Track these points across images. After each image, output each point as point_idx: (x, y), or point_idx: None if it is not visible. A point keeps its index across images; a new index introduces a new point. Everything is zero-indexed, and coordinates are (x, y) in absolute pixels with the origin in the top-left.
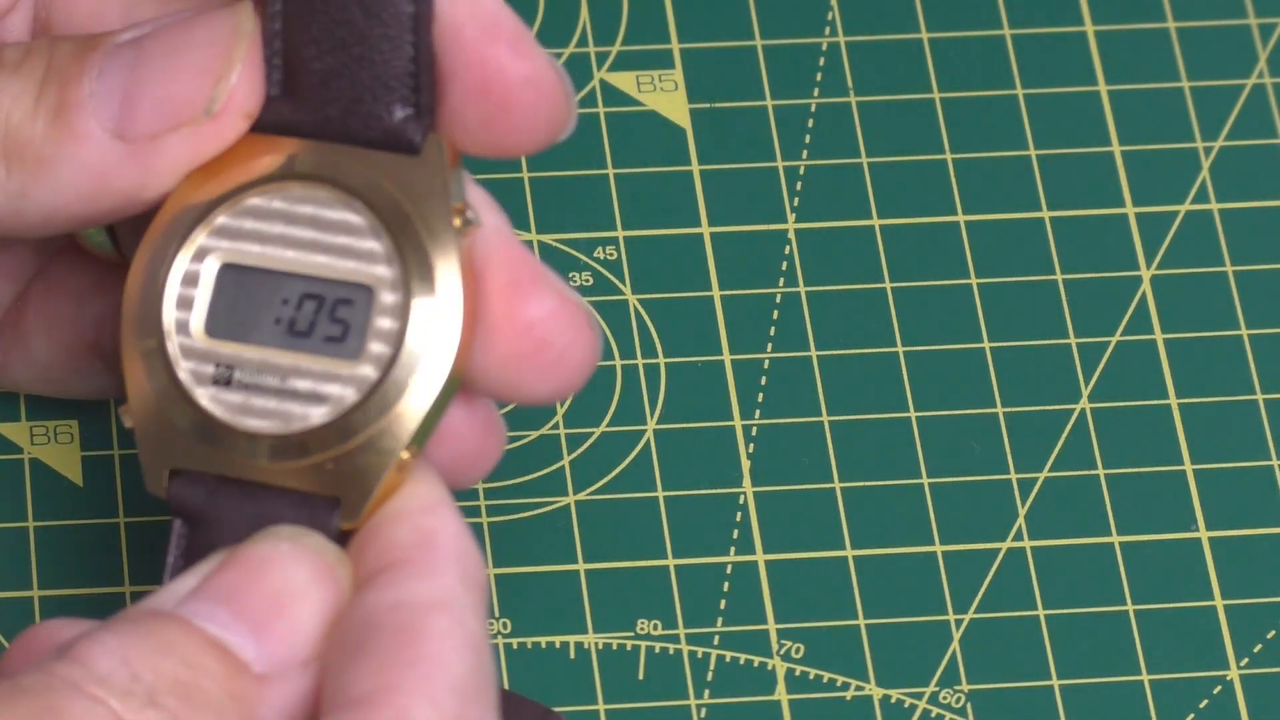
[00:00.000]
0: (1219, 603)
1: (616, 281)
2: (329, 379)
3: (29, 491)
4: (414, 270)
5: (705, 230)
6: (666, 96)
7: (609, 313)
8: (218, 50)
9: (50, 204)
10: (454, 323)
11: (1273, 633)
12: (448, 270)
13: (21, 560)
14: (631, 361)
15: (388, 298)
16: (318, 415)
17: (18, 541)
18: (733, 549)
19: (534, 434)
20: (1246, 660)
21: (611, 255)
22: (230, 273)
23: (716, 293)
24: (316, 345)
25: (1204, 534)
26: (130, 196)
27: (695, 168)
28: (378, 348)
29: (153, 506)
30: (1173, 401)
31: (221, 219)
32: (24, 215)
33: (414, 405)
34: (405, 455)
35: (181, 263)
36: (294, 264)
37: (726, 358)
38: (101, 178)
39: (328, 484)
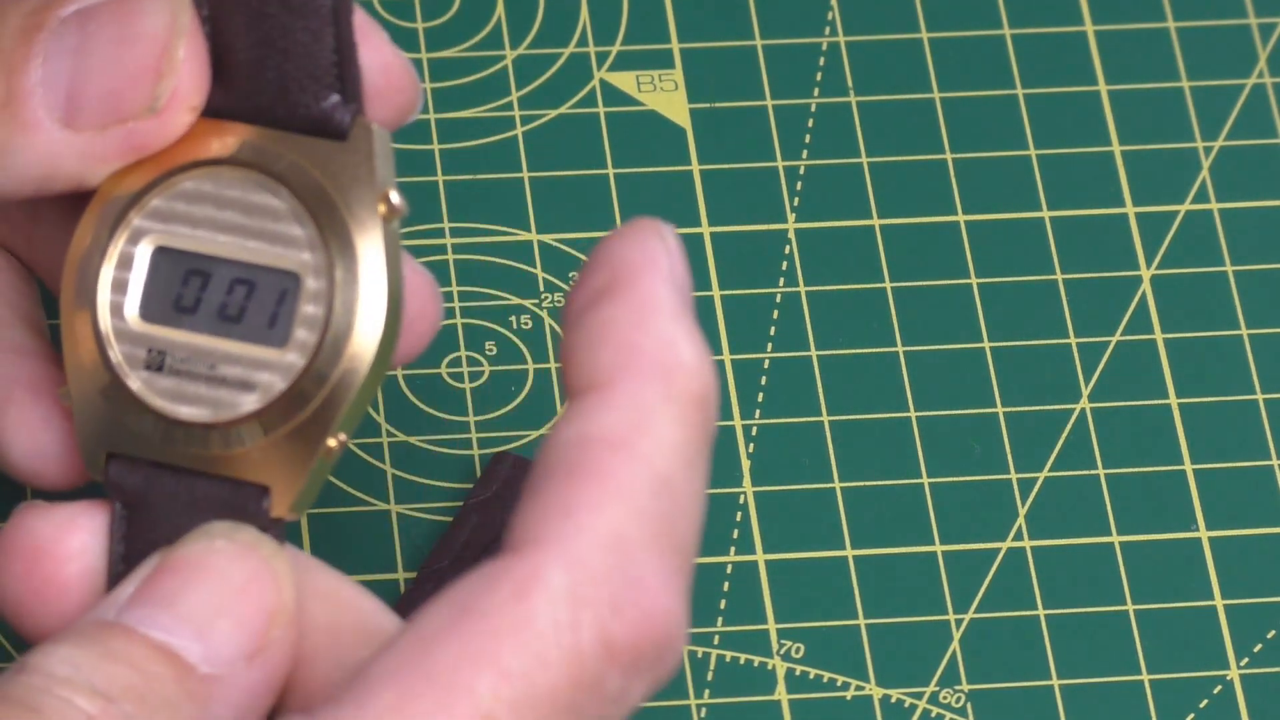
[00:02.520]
0: (1219, 603)
1: None
2: (258, 366)
3: (29, 492)
4: (337, 256)
5: (705, 230)
6: (666, 96)
7: None
8: (159, 47)
9: (2, 188)
10: (378, 309)
11: (1273, 633)
12: (372, 256)
13: None
14: None
15: (312, 284)
16: (247, 403)
17: None
18: (733, 549)
19: (534, 434)
20: (1246, 660)
21: None
22: (163, 256)
23: (716, 292)
24: (246, 332)
25: (1204, 534)
26: (79, 182)
27: (695, 168)
28: (303, 335)
29: None
30: (1173, 401)
31: (155, 202)
32: None
33: (340, 393)
34: (333, 443)
35: (117, 245)
36: (224, 248)
37: (726, 357)
38: (51, 166)
39: (257, 472)
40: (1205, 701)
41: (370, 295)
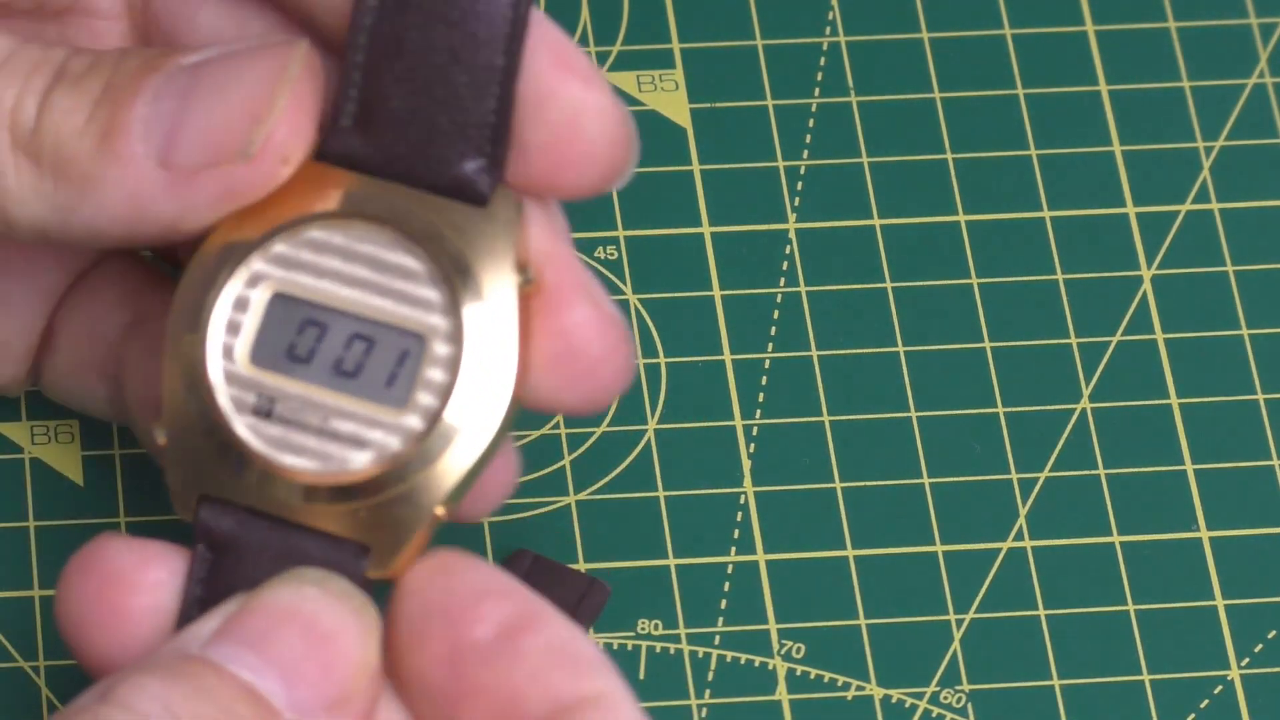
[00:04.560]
0: (1219, 603)
1: (617, 281)
2: (373, 425)
3: (29, 491)
4: (471, 325)
5: (706, 230)
6: (667, 96)
7: None
8: (263, 91)
9: (94, 222)
10: (506, 384)
11: (1273, 633)
12: (505, 330)
13: (21, 560)
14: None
15: (441, 350)
16: (359, 460)
17: (18, 541)
18: (733, 549)
19: (534, 434)
20: (1247, 660)
21: (612, 255)
22: (281, 303)
23: (717, 292)
24: (362, 388)
25: (1204, 534)
26: (169, 226)
27: (695, 168)
28: (426, 399)
29: (153, 506)
30: (1173, 401)
31: (279, 247)
32: (70, 229)
33: (457, 463)
34: (440, 511)
35: (234, 286)
36: (347, 302)
37: (727, 357)
38: (141, 205)
39: (359, 530)
40: (1206, 702)
41: (500, 368)
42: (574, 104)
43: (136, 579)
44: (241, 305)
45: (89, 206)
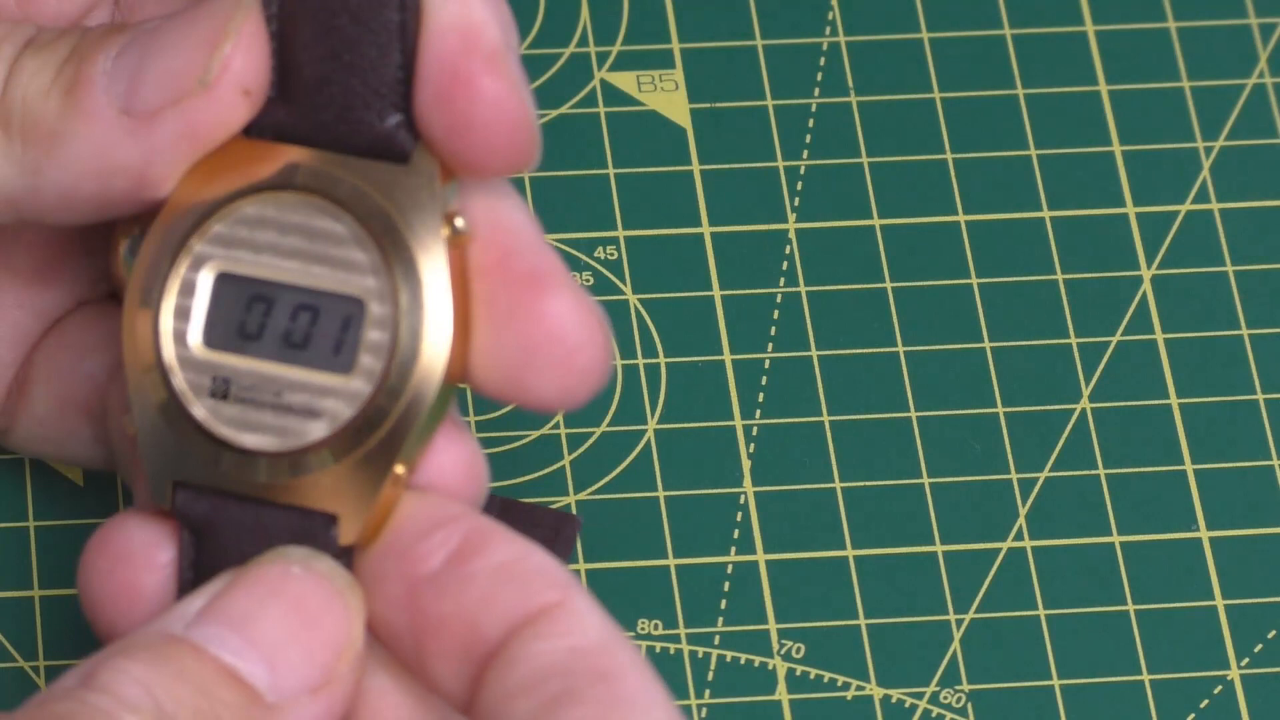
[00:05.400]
0: (1219, 603)
1: (617, 281)
2: (324, 394)
3: (29, 491)
4: (401, 282)
5: (706, 230)
6: (667, 96)
7: (609, 313)
8: (218, 22)
9: (63, 182)
10: (444, 335)
11: (1273, 633)
12: (436, 281)
13: (21, 560)
14: (632, 361)
15: (376, 310)
16: (314, 431)
17: (18, 541)
18: (733, 549)
19: (534, 434)
20: (1247, 660)
21: (612, 255)
22: (226, 282)
23: (717, 292)
24: (311, 358)
25: (1204, 534)
26: (137, 176)
27: (695, 168)
28: (369, 361)
29: None
30: (1173, 401)
31: (217, 227)
32: (41, 194)
33: (407, 420)
34: (400, 470)
35: (178, 272)
36: (288, 274)
37: (727, 357)
38: (107, 155)
39: (325, 500)
40: (1205, 702)
41: (435, 320)
42: (473, 90)
43: (148, 558)
44: (188, 289)
45: (56, 165)
